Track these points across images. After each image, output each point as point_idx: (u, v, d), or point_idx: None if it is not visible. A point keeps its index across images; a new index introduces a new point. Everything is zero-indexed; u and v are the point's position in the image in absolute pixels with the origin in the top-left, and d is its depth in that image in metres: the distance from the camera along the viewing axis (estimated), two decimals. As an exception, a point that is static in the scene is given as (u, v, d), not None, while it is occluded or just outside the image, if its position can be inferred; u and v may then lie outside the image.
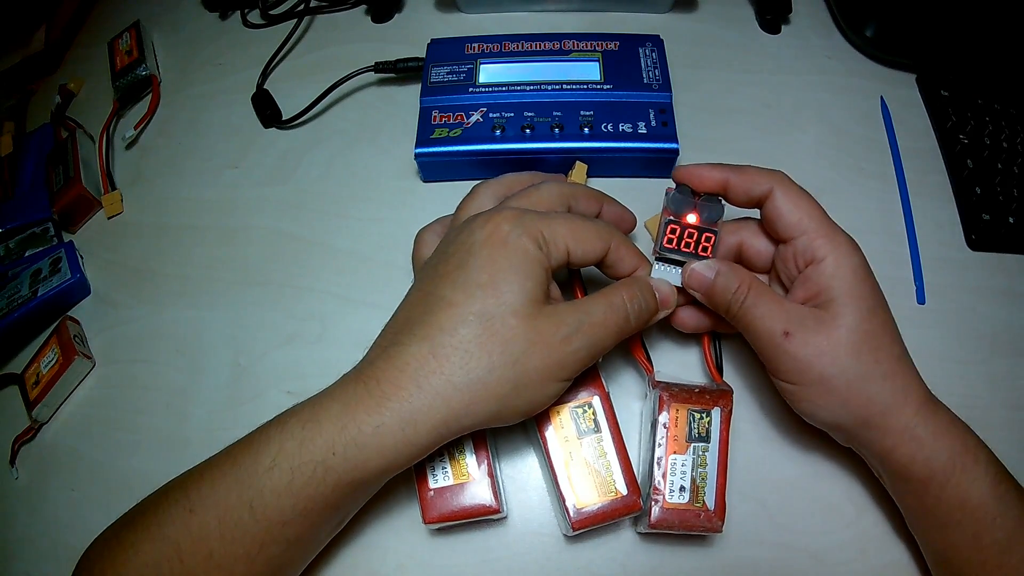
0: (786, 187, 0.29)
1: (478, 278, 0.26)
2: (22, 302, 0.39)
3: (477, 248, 0.27)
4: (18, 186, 0.46)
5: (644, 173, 0.41)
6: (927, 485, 0.27)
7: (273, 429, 0.26)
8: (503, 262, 0.26)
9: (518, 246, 0.26)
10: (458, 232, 0.28)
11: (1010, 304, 0.38)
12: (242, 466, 0.25)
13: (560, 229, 0.27)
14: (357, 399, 0.25)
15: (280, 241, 0.41)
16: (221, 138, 0.46)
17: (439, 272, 0.27)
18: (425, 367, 0.25)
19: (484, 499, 0.29)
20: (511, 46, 0.43)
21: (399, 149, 0.42)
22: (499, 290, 0.26)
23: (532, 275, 0.26)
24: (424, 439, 0.25)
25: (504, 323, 0.25)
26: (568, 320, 0.26)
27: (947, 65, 0.45)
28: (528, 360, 0.25)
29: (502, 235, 0.27)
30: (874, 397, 0.27)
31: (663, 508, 0.28)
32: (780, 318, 0.28)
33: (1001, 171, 0.41)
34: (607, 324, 0.27)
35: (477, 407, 0.25)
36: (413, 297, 0.28)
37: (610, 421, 0.30)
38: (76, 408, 0.38)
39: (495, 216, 0.27)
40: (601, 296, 0.28)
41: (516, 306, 0.26)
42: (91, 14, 0.57)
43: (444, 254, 0.28)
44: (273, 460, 0.25)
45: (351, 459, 0.24)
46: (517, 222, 0.27)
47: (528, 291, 0.26)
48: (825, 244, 0.28)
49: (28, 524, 0.35)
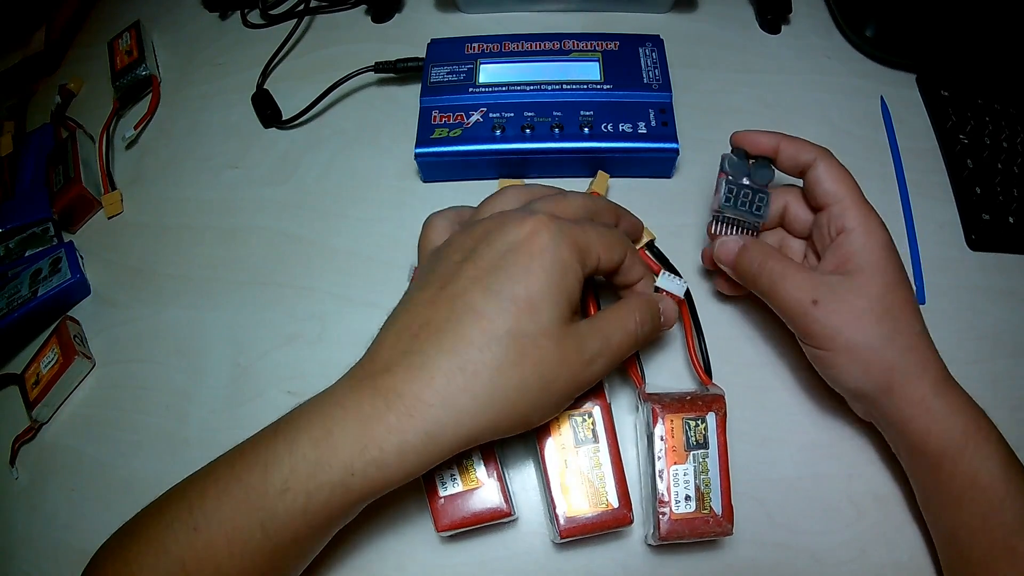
0: (829, 160, 0.31)
1: (514, 290, 0.24)
2: (22, 302, 0.39)
3: (514, 253, 0.25)
4: (18, 186, 0.46)
5: (644, 173, 0.41)
6: (940, 460, 0.28)
7: (281, 445, 0.24)
8: (542, 275, 0.25)
9: (558, 258, 0.25)
10: (488, 229, 0.27)
11: (1010, 304, 0.38)
12: (250, 485, 0.24)
13: (594, 239, 0.27)
14: (377, 414, 0.24)
15: (280, 241, 0.41)
16: (221, 138, 0.46)
17: (466, 273, 0.25)
18: (452, 383, 0.24)
19: (495, 503, 0.29)
20: (511, 46, 0.43)
21: (399, 149, 0.42)
22: (536, 308, 0.25)
23: (567, 290, 0.26)
24: (446, 453, 0.24)
25: (536, 344, 0.24)
26: (591, 343, 0.26)
27: (947, 65, 0.45)
28: (555, 381, 0.25)
29: (542, 243, 0.25)
30: (895, 365, 0.28)
31: (671, 520, 0.28)
32: (807, 288, 0.29)
33: (1001, 171, 0.41)
34: (622, 347, 0.28)
35: (502, 424, 0.25)
36: (434, 294, 0.26)
37: (608, 432, 0.30)
38: (76, 408, 0.38)
39: (531, 219, 0.26)
40: (615, 318, 0.28)
41: (550, 327, 0.25)
42: (91, 14, 0.57)
43: (472, 252, 0.26)
44: (285, 483, 0.23)
45: (370, 477, 0.24)
46: (557, 230, 0.26)
47: (562, 309, 0.25)
48: (856, 215, 0.30)
49: (28, 524, 0.35)
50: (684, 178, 0.41)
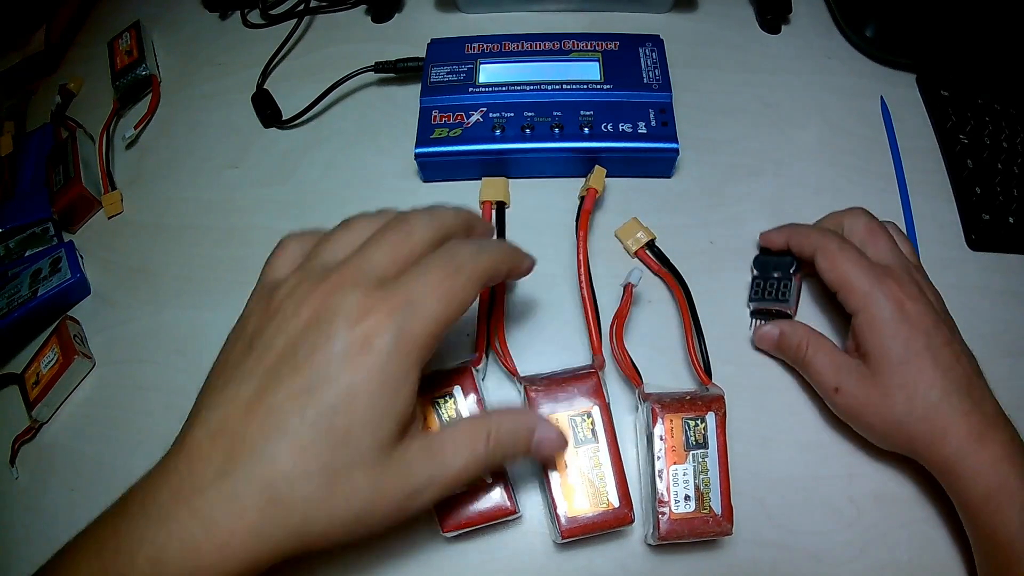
0: (825, 251, 0.32)
1: (332, 421, 0.21)
2: (22, 302, 0.39)
3: (336, 368, 0.22)
4: (18, 186, 0.46)
5: (644, 173, 0.41)
6: (963, 511, 0.29)
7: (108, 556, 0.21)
8: (366, 399, 0.22)
9: (390, 374, 0.22)
10: (318, 314, 0.23)
11: (1010, 304, 0.38)
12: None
13: (436, 308, 0.23)
14: (195, 542, 0.21)
15: (280, 241, 0.41)
16: (221, 138, 0.46)
17: (280, 376, 0.22)
18: (266, 516, 0.21)
19: (500, 502, 0.29)
20: (511, 46, 0.43)
21: (399, 149, 0.42)
22: (354, 438, 0.22)
23: (398, 409, 0.22)
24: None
25: (350, 477, 0.22)
26: (420, 471, 0.23)
27: (947, 65, 0.45)
28: (371, 515, 0.23)
29: (373, 359, 0.22)
30: (914, 436, 0.30)
31: (671, 520, 0.28)
32: (831, 374, 0.31)
33: (1001, 171, 0.41)
34: (461, 476, 0.24)
35: (315, 547, 0.22)
36: (252, 398, 0.22)
37: (608, 432, 0.30)
38: (76, 408, 0.38)
39: (368, 320, 0.22)
40: (461, 439, 0.24)
41: (368, 456, 0.22)
42: (91, 14, 0.57)
43: (299, 343, 0.22)
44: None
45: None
46: (397, 332, 0.22)
47: (387, 432, 0.22)
48: (856, 301, 0.31)
49: (28, 524, 0.35)
50: (684, 178, 0.41)
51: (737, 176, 0.41)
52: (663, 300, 0.37)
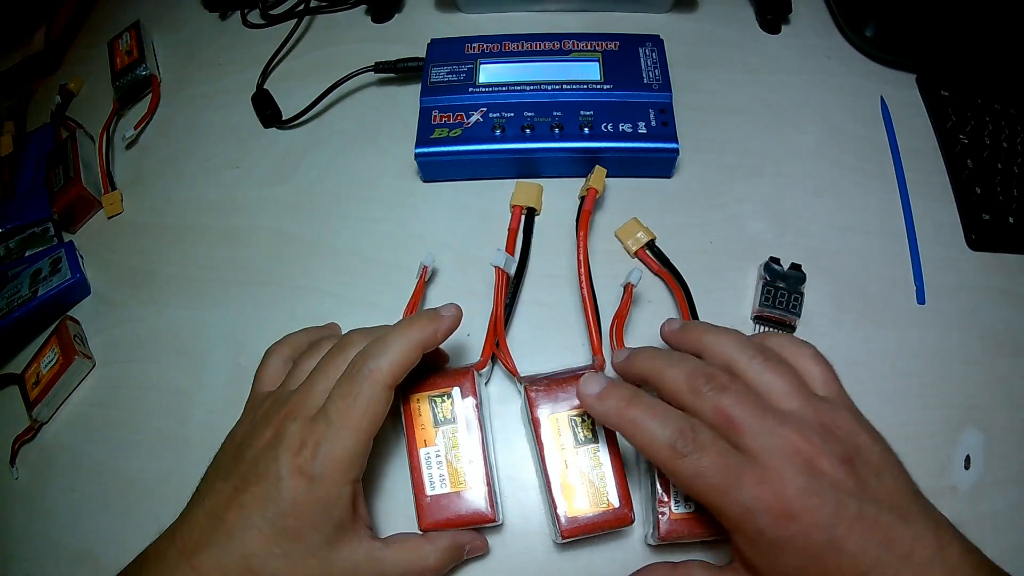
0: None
1: (285, 522, 0.26)
2: (22, 302, 0.39)
3: (284, 485, 0.26)
4: (18, 186, 0.46)
5: (644, 173, 0.41)
6: None
7: None
8: (307, 510, 0.26)
9: (323, 492, 0.26)
10: (267, 444, 0.27)
11: (1010, 304, 0.37)
12: None
13: (348, 434, 0.26)
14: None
15: (280, 241, 0.41)
16: (221, 138, 0.46)
17: (249, 481, 0.26)
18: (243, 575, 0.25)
19: (480, 508, 0.29)
20: (511, 46, 0.43)
21: (399, 149, 0.42)
22: (303, 535, 0.26)
23: (335, 514, 0.26)
24: None
25: (306, 563, 0.26)
26: (364, 572, 0.27)
27: (947, 65, 0.45)
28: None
29: (308, 480, 0.26)
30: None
31: (671, 520, 0.28)
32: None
33: (1001, 171, 0.41)
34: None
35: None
36: (227, 486, 0.27)
37: (608, 432, 0.30)
38: (76, 408, 0.38)
39: (302, 450, 0.26)
40: (405, 557, 0.28)
41: (317, 550, 0.26)
42: (91, 14, 0.57)
43: (254, 462, 0.27)
44: None
45: None
46: (320, 455, 0.26)
47: (328, 534, 0.26)
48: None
49: (28, 524, 0.35)
50: (684, 178, 0.41)
51: (737, 176, 0.41)
52: (663, 300, 0.37)
